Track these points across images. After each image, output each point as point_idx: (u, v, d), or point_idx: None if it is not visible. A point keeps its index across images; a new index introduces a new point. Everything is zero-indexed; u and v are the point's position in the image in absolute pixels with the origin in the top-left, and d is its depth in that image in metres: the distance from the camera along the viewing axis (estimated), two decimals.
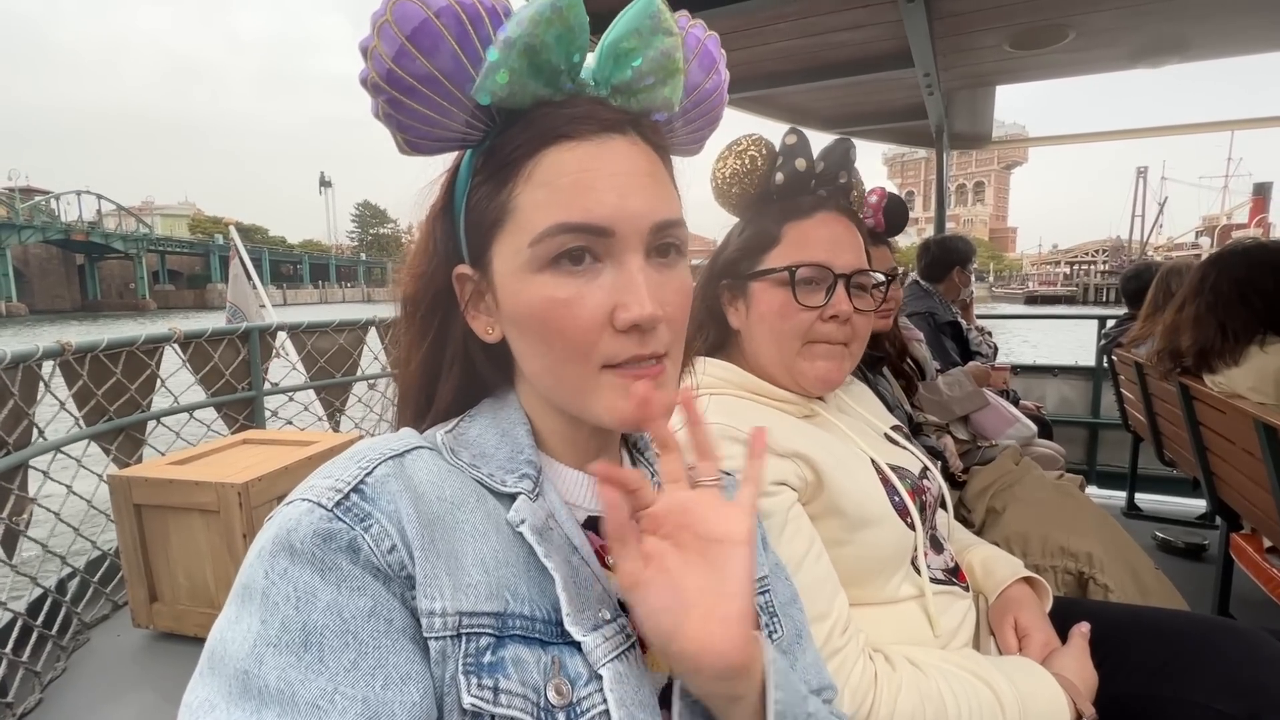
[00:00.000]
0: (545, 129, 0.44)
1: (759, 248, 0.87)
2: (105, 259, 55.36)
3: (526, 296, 0.45)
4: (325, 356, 2.92)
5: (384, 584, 0.39)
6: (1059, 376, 3.51)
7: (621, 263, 0.45)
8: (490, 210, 0.46)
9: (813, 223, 0.86)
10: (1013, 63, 2.33)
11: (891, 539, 0.80)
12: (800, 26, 2.00)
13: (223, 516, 1.65)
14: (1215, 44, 2.22)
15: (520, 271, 0.45)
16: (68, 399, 2.00)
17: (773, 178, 0.86)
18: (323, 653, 0.36)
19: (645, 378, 0.46)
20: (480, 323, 0.50)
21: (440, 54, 0.42)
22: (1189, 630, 0.91)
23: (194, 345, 2.46)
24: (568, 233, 0.43)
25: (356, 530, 0.39)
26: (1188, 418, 1.92)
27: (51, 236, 47.86)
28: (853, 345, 0.88)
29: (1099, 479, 3.27)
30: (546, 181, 0.44)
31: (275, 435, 2.22)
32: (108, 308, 51.48)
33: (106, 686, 1.60)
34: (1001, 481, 1.57)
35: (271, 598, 0.37)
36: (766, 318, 0.86)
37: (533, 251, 0.44)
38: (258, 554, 0.39)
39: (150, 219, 72.08)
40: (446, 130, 0.45)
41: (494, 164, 0.46)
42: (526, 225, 0.44)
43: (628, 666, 0.44)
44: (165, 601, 1.75)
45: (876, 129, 3.20)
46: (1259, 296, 1.67)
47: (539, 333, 0.46)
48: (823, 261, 0.84)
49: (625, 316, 0.44)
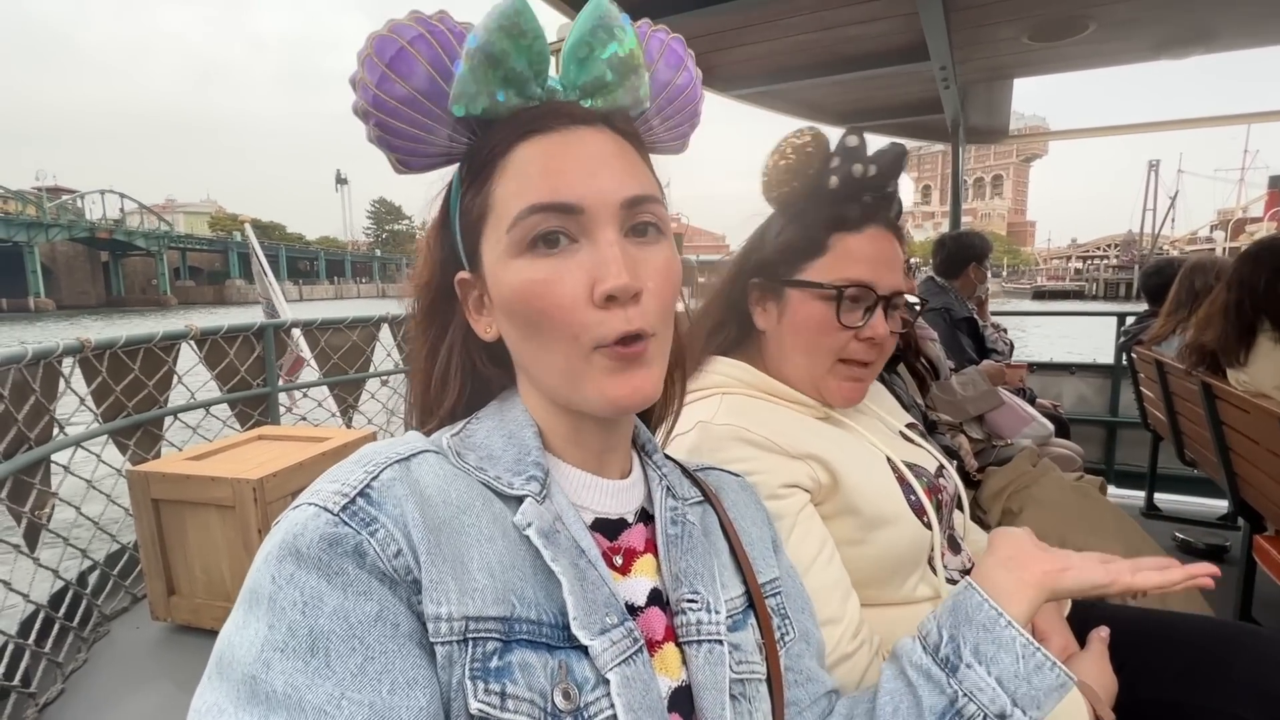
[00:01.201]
0: (516, 127, 0.47)
1: (802, 254, 0.84)
2: (128, 256, 57.44)
3: (508, 281, 0.47)
4: (339, 353, 2.94)
5: (390, 589, 0.39)
6: (1076, 374, 3.46)
7: (595, 240, 0.46)
8: (475, 209, 0.49)
9: (862, 238, 0.82)
10: (1031, 55, 2.29)
11: (908, 538, 0.79)
12: (814, 20, 1.97)
13: (238, 511, 1.67)
14: (1241, 34, 2.16)
15: (502, 258, 0.47)
16: (86, 395, 2.04)
17: (826, 179, 0.82)
18: (329, 658, 0.36)
19: (632, 355, 0.46)
20: (480, 323, 0.52)
21: (416, 75, 0.46)
22: (1211, 635, 0.89)
23: (210, 342, 2.49)
24: (538, 213, 0.45)
25: (362, 535, 0.39)
26: (1210, 417, 1.88)
27: (77, 234, 49.68)
28: (876, 364, 0.86)
29: (1117, 478, 3.22)
30: (518, 172, 0.46)
31: (289, 431, 2.24)
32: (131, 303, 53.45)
33: (126, 677, 1.62)
34: (1018, 483, 1.55)
35: (278, 603, 0.37)
36: (803, 330, 0.84)
37: (510, 237, 0.46)
38: (264, 559, 0.39)
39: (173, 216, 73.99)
40: (431, 146, 0.48)
41: (475, 167, 0.49)
42: (504, 214, 0.46)
43: (635, 670, 0.44)
44: (183, 595, 1.78)
45: (891, 123, 3.16)
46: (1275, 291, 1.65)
47: (525, 316, 0.46)
48: (868, 282, 0.81)
49: (601, 289, 0.44)
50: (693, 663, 0.49)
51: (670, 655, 0.49)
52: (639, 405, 0.47)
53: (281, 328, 2.84)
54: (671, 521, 0.54)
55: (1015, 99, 3.05)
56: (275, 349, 2.74)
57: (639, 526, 0.53)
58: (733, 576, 0.57)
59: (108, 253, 55.21)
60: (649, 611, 0.50)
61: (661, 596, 0.51)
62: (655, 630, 0.49)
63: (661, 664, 0.48)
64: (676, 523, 0.54)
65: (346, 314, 2.98)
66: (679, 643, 0.50)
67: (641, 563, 0.52)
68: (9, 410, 1.63)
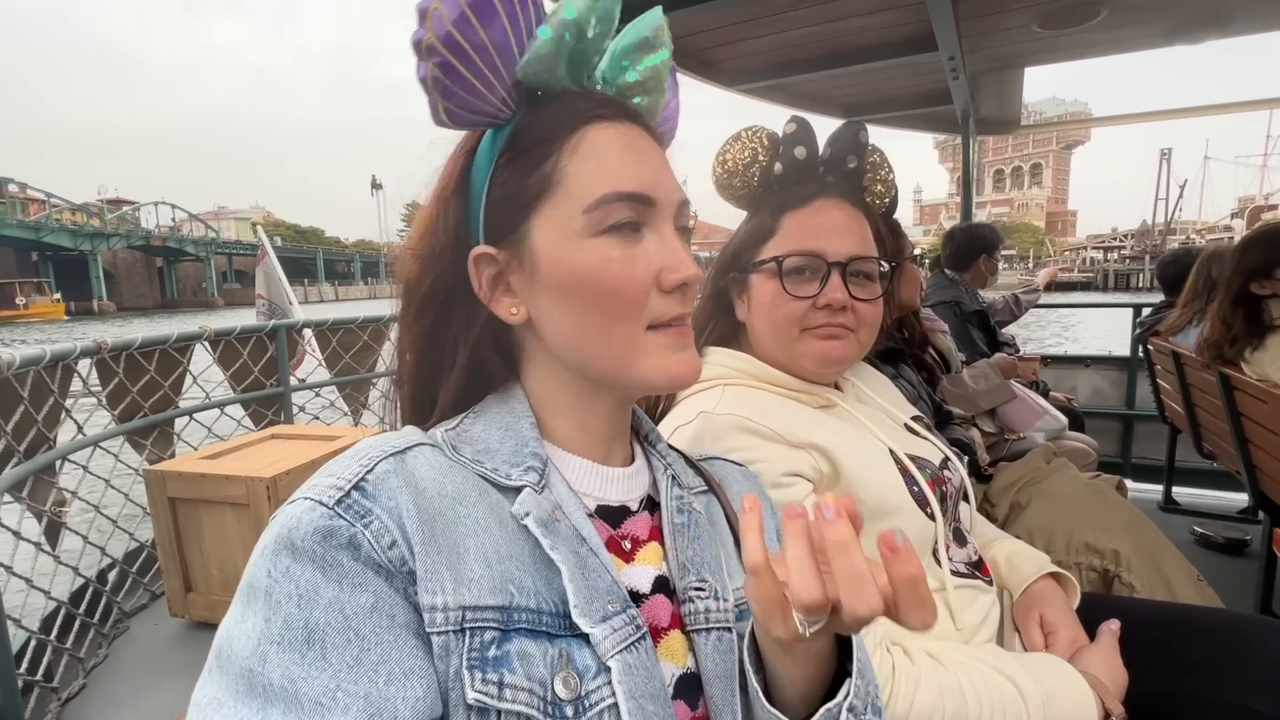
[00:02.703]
0: (582, 109, 0.48)
1: (758, 240, 0.87)
2: (181, 261, 62.13)
3: (580, 259, 0.47)
4: (350, 352, 2.97)
5: (386, 580, 0.39)
6: (1091, 367, 3.41)
7: (660, 231, 0.49)
8: (530, 184, 0.47)
9: (808, 211, 0.85)
10: (1042, 43, 2.25)
11: (910, 530, 0.78)
12: (819, 12, 1.96)
13: (252, 509, 1.70)
14: (1260, 17, 2.11)
15: (573, 237, 0.47)
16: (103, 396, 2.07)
17: (771, 167, 0.86)
18: (325, 650, 0.37)
19: (686, 334, 0.50)
20: (503, 305, 0.50)
21: (494, 27, 0.45)
22: (1223, 627, 0.88)
23: (223, 343, 2.53)
24: (622, 200, 0.47)
25: (357, 527, 0.39)
26: (1228, 408, 1.85)
27: (134, 243, 54.08)
28: (860, 332, 0.86)
29: (1134, 472, 3.17)
30: (594, 154, 0.47)
31: (302, 430, 2.27)
32: (183, 305, 57.25)
33: (146, 673, 1.66)
34: (1029, 478, 1.53)
35: (274, 596, 0.37)
36: (762, 308, 0.86)
37: (587, 218, 0.47)
38: (260, 553, 0.39)
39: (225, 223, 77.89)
40: (485, 104, 0.47)
41: (527, 141, 0.48)
42: (578, 193, 0.47)
43: (637, 658, 0.44)
44: (200, 592, 1.82)
45: (900, 115, 3.12)
46: None
47: (591, 294, 0.47)
48: (815, 250, 0.83)
49: (673, 278, 0.48)
50: (701, 650, 0.49)
51: (676, 642, 0.49)
52: (692, 379, 0.51)
53: (294, 328, 2.87)
54: (678, 510, 0.54)
55: (1055, 86, 3.02)
56: (288, 350, 2.77)
57: (643, 514, 0.53)
58: (738, 566, 0.57)
59: (162, 258, 59.91)
60: (654, 599, 0.50)
61: (667, 584, 0.51)
62: (660, 617, 0.49)
63: (667, 651, 0.48)
64: (683, 511, 0.54)
65: (357, 314, 3.00)
66: (686, 630, 0.50)
67: (646, 550, 0.52)
68: (28, 411, 1.66)
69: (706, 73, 2.39)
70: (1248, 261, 1.74)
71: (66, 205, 50.56)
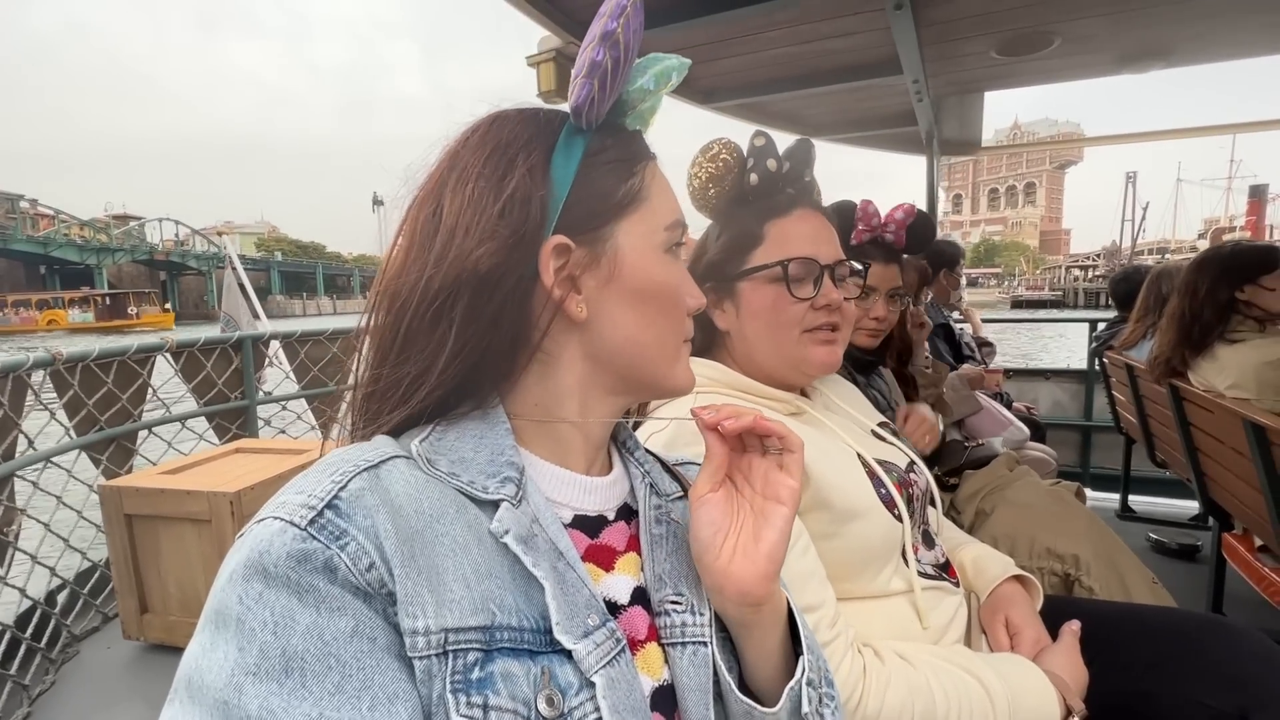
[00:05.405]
0: (644, 144, 0.55)
1: (744, 247, 0.89)
2: (184, 275, 63.80)
3: (661, 270, 0.52)
4: (319, 365, 2.92)
5: (365, 601, 0.38)
6: (1051, 380, 3.53)
7: (680, 257, 0.55)
8: (624, 191, 0.51)
9: (793, 219, 0.89)
10: (1000, 69, 2.36)
11: (879, 531, 0.80)
12: (791, 34, 2.02)
13: (215, 526, 1.64)
14: (1197, 50, 2.25)
15: (656, 250, 0.52)
16: (58, 409, 1.99)
17: (746, 179, 0.88)
18: (305, 678, 0.35)
19: None
20: (573, 300, 0.48)
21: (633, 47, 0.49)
22: (1179, 627, 0.91)
23: (186, 354, 2.46)
24: (681, 227, 0.55)
25: (332, 549, 0.38)
26: (1178, 418, 1.93)
27: (139, 257, 56.91)
28: (843, 330, 0.91)
29: (1093, 481, 3.28)
30: (660, 184, 0.54)
31: (268, 444, 2.21)
32: (186, 317, 57.72)
33: (96, 699, 1.58)
34: (993, 485, 1.58)
35: (247, 624, 0.36)
36: (761, 314, 0.88)
37: (668, 235, 0.53)
38: (229, 578, 0.37)
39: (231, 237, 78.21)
40: (607, 105, 0.50)
41: (619, 154, 0.51)
42: (660, 212, 0.53)
43: (620, 672, 0.44)
44: (156, 613, 1.74)
45: (868, 135, 3.22)
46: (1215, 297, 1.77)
47: (663, 304, 0.52)
48: (809, 255, 0.87)
49: (695, 304, 0.56)
50: (676, 664, 0.49)
51: (653, 654, 0.49)
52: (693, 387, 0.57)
53: (260, 340, 2.80)
54: (655, 521, 0.54)
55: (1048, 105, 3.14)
56: (255, 361, 2.71)
57: (620, 524, 0.53)
58: None
59: (165, 272, 61.44)
60: (631, 610, 0.50)
61: (645, 595, 0.51)
62: (638, 629, 0.49)
63: (644, 663, 0.48)
64: (660, 522, 0.54)
65: (326, 326, 2.95)
66: (662, 643, 0.50)
67: (624, 560, 0.51)
68: None
69: (682, 90, 2.45)
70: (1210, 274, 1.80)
71: (74, 220, 54.00)
